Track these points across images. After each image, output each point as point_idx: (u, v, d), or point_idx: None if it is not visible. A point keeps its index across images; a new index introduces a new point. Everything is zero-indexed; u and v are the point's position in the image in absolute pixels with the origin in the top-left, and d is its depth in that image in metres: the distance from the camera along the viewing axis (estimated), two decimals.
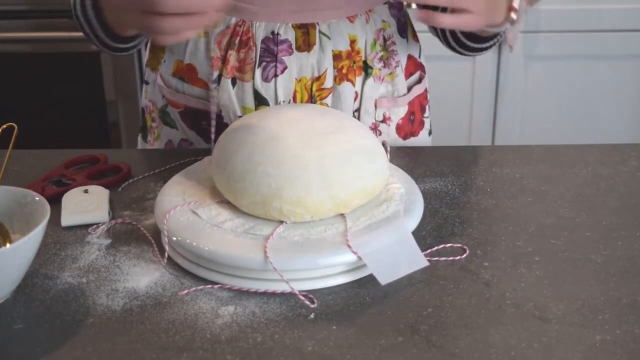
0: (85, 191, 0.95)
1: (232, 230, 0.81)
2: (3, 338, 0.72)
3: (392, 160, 0.96)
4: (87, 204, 0.92)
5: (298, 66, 1.05)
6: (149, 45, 1.19)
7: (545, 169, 1.04)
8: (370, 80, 1.09)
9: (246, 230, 0.81)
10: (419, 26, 1.15)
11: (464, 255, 0.84)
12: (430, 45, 1.22)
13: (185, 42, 1.09)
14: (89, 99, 2.15)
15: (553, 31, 2.21)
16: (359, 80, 1.09)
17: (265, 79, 1.05)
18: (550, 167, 1.05)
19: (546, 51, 2.23)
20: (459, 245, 0.86)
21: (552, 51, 2.23)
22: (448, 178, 1.01)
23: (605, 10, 2.18)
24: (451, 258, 0.83)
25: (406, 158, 1.07)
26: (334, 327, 0.73)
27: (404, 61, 1.13)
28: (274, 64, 1.05)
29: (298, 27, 1.05)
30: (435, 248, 0.85)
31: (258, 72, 1.05)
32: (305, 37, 1.04)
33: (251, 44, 1.04)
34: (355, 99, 1.09)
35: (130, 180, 1.01)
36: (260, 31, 1.04)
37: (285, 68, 1.05)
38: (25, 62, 2.12)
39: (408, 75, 1.14)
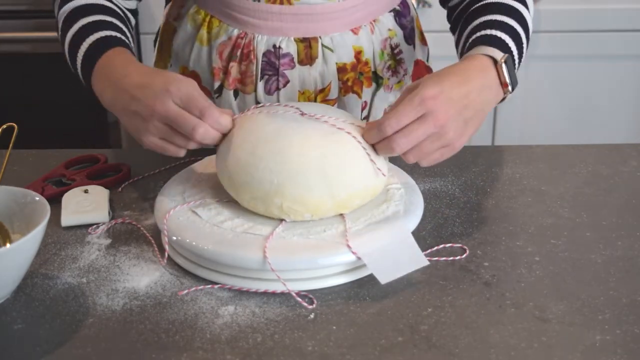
0: (85, 191, 0.95)
1: (231, 230, 0.81)
2: (3, 338, 0.72)
3: (392, 160, 0.96)
4: (87, 204, 0.92)
5: (301, 79, 1.04)
6: (156, 46, 1.18)
7: (545, 169, 1.04)
8: (380, 91, 1.08)
9: (246, 230, 0.81)
10: (427, 27, 1.14)
11: (464, 255, 0.84)
12: (435, 46, 1.22)
13: (190, 49, 1.08)
14: (89, 99, 2.15)
15: (553, 31, 2.21)
16: (369, 91, 1.07)
17: (268, 92, 1.04)
18: (550, 167, 1.04)
19: (546, 51, 2.23)
20: (459, 245, 0.86)
21: (552, 51, 2.23)
22: (448, 178, 1.01)
23: (605, 10, 2.18)
24: (451, 258, 0.83)
25: None
26: (334, 327, 0.72)
27: (411, 68, 1.12)
28: (275, 77, 1.03)
29: (300, 40, 1.02)
30: (435, 248, 0.85)
31: (261, 85, 1.04)
32: (308, 50, 1.02)
33: (252, 57, 1.03)
34: (363, 109, 1.08)
35: (130, 180, 1.01)
36: (262, 44, 1.02)
37: (288, 82, 1.03)
38: (25, 62, 2.12)
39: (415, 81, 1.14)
